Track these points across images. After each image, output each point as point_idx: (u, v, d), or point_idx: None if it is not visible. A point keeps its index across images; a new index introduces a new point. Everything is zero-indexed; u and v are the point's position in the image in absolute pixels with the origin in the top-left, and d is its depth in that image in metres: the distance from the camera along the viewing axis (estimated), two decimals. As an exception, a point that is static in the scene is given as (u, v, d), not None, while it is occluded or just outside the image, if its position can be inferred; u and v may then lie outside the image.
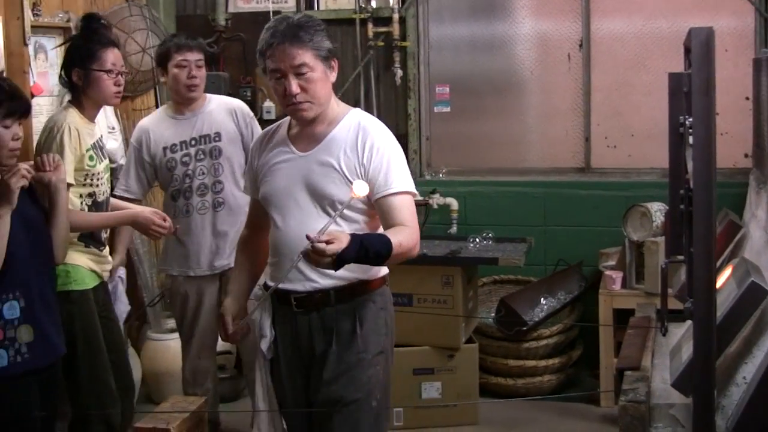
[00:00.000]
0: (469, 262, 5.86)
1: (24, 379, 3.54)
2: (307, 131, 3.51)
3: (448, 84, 7.06)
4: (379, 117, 6.68)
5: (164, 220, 4.54)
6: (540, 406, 6.03)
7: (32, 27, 5.37)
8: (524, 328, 5.97)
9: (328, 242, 3.01)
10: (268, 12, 6.92)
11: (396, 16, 6.89)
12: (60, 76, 4.59)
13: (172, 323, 6.32)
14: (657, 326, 3.68)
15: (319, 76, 3.39)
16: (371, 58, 7.00)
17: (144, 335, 6.49)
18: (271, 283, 3.47)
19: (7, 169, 3.49)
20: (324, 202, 3.40)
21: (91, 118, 4.47)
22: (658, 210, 5.86)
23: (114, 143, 6.14)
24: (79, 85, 4.42)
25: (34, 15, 5.70)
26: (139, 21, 6.49)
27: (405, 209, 3.36)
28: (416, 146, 7.05)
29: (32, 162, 3.64)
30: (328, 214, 3.36)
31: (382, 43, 6.96)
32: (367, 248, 3.11)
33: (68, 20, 6.05)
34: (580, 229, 6.69)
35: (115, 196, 4.87)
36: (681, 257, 2.93)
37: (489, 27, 7.01)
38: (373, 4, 6.98)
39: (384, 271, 3.54)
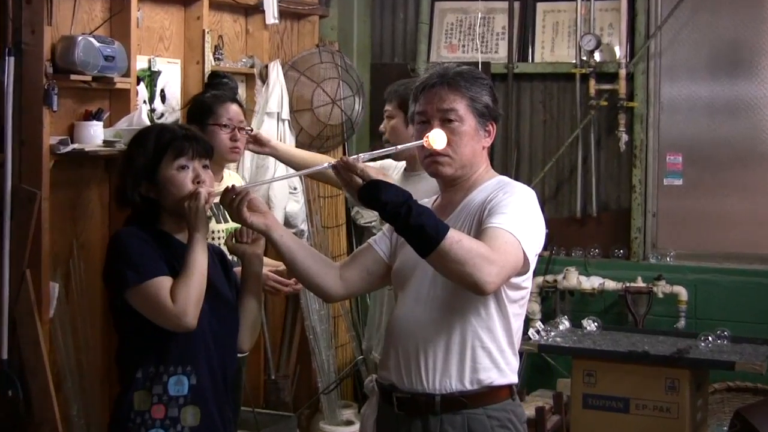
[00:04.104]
0: (700, 364, 5.28)
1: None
2: (445, 199, 3.28)
3: (681, 152, 6.60)
4: (598, 188, 6.54)
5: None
6: None
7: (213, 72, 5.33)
8: (763, 448, 5.45)
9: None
10: (477, 62, 6.65)
11: (623, 72, 6.50)
12: None
13: (348, 414, 6.43)
14: None
15: (467, 130, 3.15)
16: (592, 120, 6.63)
17: (315, 426, 6.37)
18: (379, 375, 3.29)
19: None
20: (444, 288, 3.09)
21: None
22: None
23: (295, 205, 6.17)
24: None
25: (215, 59, 5.82)
26: (330, 69, 6.42)
27: (497, 239, 2.96)
28: (640, 224, 6.62)
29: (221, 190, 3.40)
30: (450, 305, 3.09)
31: (605, 103, 6.57)
32: (411, 207, 2.83)
33: (252, 65, 6.16)
34: (832, 330, 6.09)
35: None
36: None
37: (732, 88, 6.52)
38: (597, 57, 6.60)
39: (509, 380, 3.19)
